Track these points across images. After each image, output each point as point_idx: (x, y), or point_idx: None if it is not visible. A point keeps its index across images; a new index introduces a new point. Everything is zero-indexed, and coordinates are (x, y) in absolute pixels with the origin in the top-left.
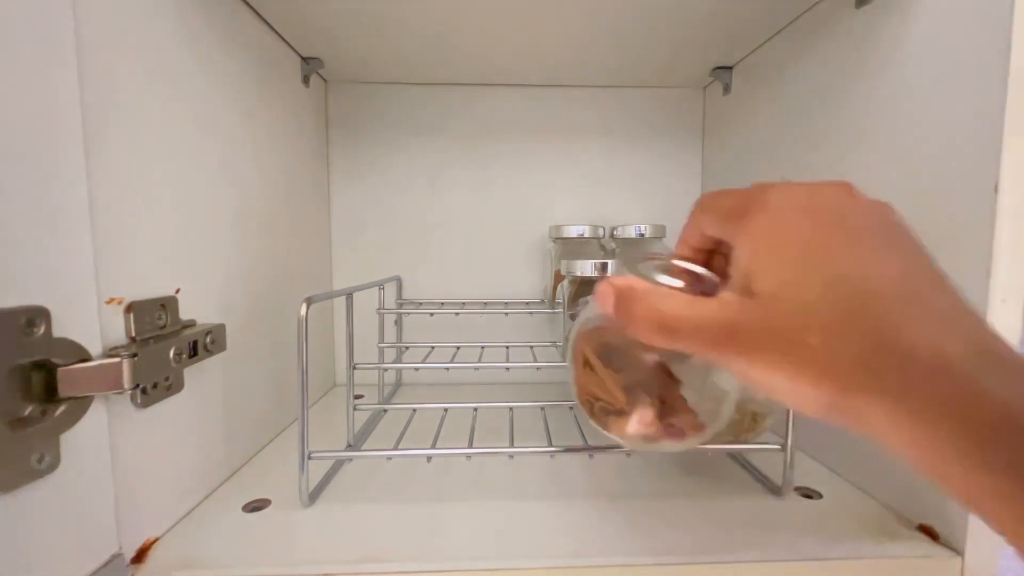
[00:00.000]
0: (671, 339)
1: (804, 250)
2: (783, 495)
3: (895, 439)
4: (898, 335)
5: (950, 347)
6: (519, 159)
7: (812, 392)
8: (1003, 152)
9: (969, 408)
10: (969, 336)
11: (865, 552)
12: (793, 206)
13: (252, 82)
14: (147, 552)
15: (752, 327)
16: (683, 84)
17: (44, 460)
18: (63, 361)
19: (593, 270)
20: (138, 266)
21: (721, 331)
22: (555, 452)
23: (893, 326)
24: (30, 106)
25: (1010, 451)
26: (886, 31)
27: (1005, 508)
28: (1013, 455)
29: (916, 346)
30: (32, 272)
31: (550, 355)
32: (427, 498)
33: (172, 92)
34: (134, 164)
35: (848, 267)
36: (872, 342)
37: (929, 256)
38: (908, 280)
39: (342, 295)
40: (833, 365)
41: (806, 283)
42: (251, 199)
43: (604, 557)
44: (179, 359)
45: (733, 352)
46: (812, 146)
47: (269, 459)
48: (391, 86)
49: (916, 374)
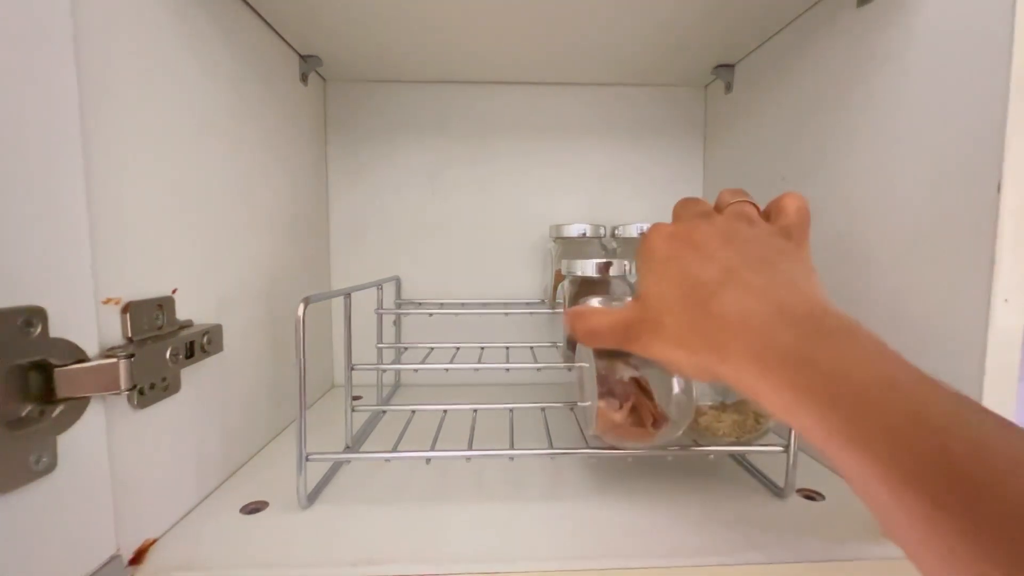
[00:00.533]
0: (595, 340)
1: (663, 263)
2: (785, 496)
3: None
4: (715, 307)
5: (753, 309)
6: (519, 158)
7: (688, 360)
8: (1005, 151)
9: (765, 351)
10: (770, 300)
11: (867, 554)
12: (659, 235)
13: (250, 80)
14: (145, 553)
15: (636, 321)
16: (684, 83)
17: (42, 461)
18: (60, 361)
19: (594, 270)
20: (135, 266)
21: (620, 328)
22: (555, 454)
23: (712, 302)
24: (28, 105)
25: (790, 372)
26: (887, 30)
27: (787, 392)
28: (794, 376)
29: (726, 313)
30: (29, 272)
31: (550, 356)
32: (426, 500)
33: (170, 91)
34: (131, 163)
35: (687, 270)
36: (698, 314)
37: (767, 246)
38: (728, 271)
39: (340, 295)
40: (681, 336)
41: (664, 285)
42: (249, 198)
43: (605, 559)
44: (176, 360)
45: (630, 341)
46: (813, 145)
47: (267, 460)
48: (390, 84)
49: (730, 332)
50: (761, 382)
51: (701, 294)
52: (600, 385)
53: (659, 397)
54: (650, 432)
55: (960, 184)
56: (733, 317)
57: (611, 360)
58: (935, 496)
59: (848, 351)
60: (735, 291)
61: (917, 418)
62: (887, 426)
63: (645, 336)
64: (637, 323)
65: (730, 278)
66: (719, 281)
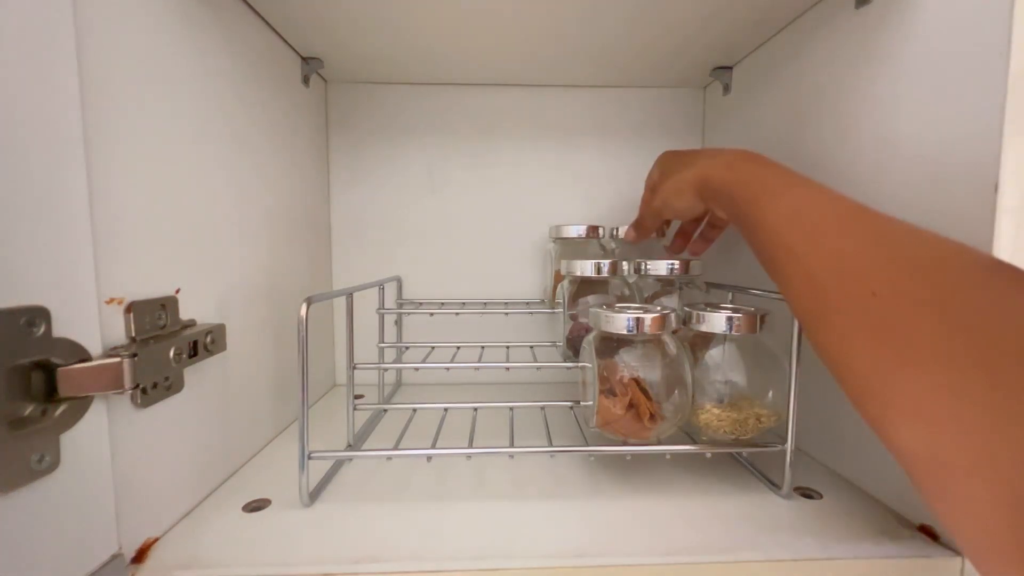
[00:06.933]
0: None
1: (675, 161)
2: (784, 495)
3: (706, 181)
4: (709, 175)
5: (726, 179)
6: (519, 159)
7: (678, 176)
8: (1003, 151)
9: (731, 199)
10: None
11: (865, 552)
12: (668, 155)
13: (252, 82)
14: (147, 552)
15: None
16: (683, 84)
17: (44, 460)
18: (63, 361)
19: (593, 270)
20: (138, 266)
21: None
22: (555, 452)
23: (709, 175)
24: (30, 106)
25: (720, 202)
26: (886, 31)
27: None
28: (720, 201)
29: (711, 178)
30: (32, 272)
31: (550, 355)
32: (427, 498)
33: (172, 92)
34: (134, 164)
35: (692, 162)
36: (699, 179)
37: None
38: (713, 160)
39: (342, 295)
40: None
41: (668, 164)
42: (251, 199)
43: (604, 557)
44: (179, 359)
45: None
46: (812, 146)
47: (269, 459)
48: (391, 86)
49: (714, 187)
50: (711, 173)
51: (699, 170)
52: (601, 383)
53: (656, 396)
54: (647, 427)
55: (958, 184)
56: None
57: (611, 360)
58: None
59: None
60: (719, 169)
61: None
62: (774, 211)
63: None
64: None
65: (717, 162)
66: (711, 165)
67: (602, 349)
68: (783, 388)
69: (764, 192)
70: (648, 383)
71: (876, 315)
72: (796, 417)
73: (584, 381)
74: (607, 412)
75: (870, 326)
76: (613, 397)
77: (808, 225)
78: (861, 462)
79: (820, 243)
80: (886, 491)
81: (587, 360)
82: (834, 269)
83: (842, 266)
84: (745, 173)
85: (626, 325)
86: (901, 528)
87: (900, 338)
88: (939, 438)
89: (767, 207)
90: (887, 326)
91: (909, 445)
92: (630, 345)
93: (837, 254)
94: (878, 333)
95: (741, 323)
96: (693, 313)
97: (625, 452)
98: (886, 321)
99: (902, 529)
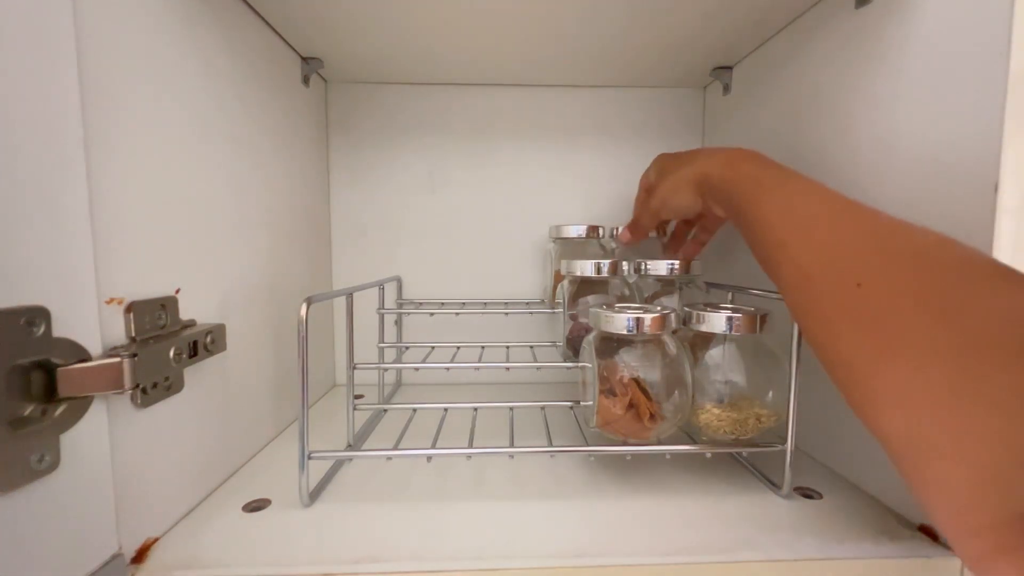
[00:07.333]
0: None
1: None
2: (784, 495)
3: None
4: (708, 172)
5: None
6: (519, 159)
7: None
8: (1003, 151)
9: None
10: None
11: (865, 552)
12: (664, 156)
13: (252, 82)
14: (147, 552)
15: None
16: (683, 84)
17: (44, 460)
18: (63, 361)
19: (593, 270)
20: (138, 266)
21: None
22: (555, 452)
23: (708, 172)
24: (30, 106)
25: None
26: (886, 31)
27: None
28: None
29: (711, 175)
30: (32, 272)
31: (550, 355)
32: (427, 498)
33: (172, 91)
34: (134, 164)
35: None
36: (698, 176)
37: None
38: (711, 158)
39: (342, 295)
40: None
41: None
42: (251, 199)
43: (604, 557)
44: (179, 359)
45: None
46: (812, 146)
47: (269, 459)
48: (392, 86)
49: (713, 184)
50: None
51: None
52: (601, 383)
53: (656, 396)
54: (647, 427)
55: (958, 184)
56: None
57: (611, 360)
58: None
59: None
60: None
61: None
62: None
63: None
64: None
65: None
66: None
67: (602, 349)
68: (783, 388)
69: (760, 188)
70: (648, 383)
71: (860, 305)
72: (796, 417)
73: (584, 381)
74: (607, 412)
75: (854, 315)
76: (613, 397)
77: (800, 219)
78: (861, 462)
79: (810, 236)
80: (886, 491)
81: (587, 360)
82: (822, 260)
83: (830, 257)
84: (743, 171)
85: (626, 325)
86: (901, 528)
87: (882, 327)
88: (916, 421)
89: (762, 202)
90: (870, 315)
91: (889, 429)
92: (630, 345)
93: (825, 246)
94: (862, 322)
95: (741, 323)
96: (693, 313)
97: (625, 452)
98: (869, 310)
99: (902, 529)
